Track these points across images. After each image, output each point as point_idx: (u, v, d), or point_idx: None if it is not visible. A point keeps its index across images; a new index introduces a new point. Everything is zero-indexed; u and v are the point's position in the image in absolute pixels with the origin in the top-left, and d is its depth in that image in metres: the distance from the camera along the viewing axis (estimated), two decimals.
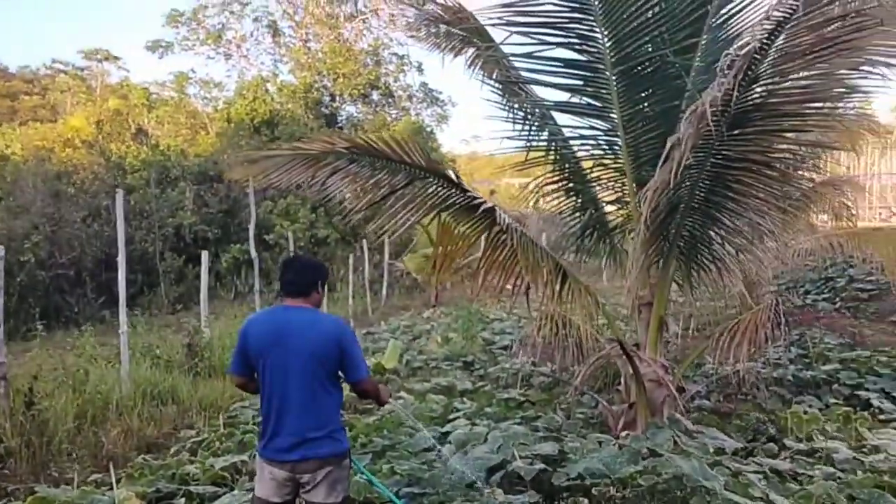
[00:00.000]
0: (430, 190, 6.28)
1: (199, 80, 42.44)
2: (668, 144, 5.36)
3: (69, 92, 46.84)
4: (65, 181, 26.84)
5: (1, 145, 32.60)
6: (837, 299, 14.02)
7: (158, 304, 23.04)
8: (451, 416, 7.30)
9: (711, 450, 5.57)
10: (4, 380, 7.56)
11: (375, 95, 37.63)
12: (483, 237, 6.34)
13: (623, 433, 6.36)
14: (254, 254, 16.81)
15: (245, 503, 4.72)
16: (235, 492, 5.15)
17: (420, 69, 40.10)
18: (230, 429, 7.57)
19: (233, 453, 6.44)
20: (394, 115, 37.95)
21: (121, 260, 9.93)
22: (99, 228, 24.56)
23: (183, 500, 5.01)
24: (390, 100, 38.34)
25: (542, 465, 5.15)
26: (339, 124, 35.23)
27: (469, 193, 6.11)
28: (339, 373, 3.90)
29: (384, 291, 25.06)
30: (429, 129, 36.68)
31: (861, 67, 5.05)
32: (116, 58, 50.53)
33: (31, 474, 6.74)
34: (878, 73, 4.93)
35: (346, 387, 4.03)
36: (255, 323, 3.97)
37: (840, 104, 6.22)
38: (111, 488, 4.95)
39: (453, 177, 5.99)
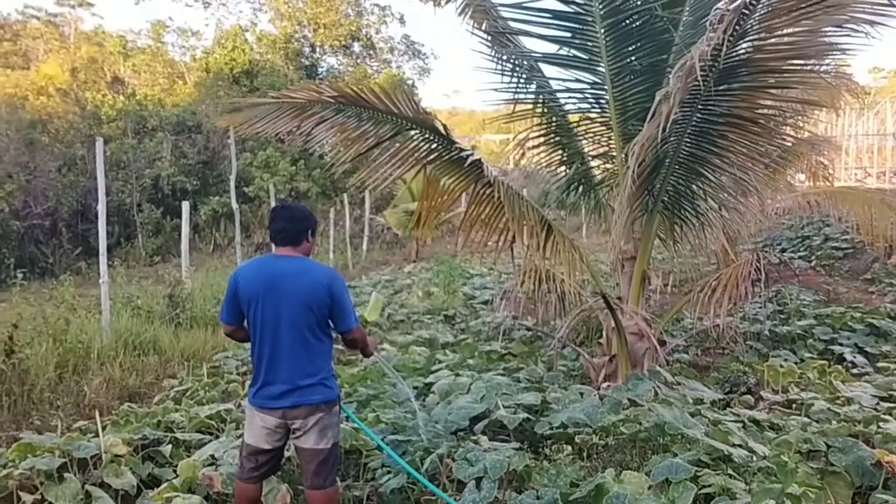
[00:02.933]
0: (417, 142, 6.27)
1: (176, 29, 41.69)
2: (657, 99, 5.37)
3: (42, 39, 45.74)
4: (39, 130, 26.38)
5: None
6: (813, 257, 14.22)
7: (136, 256, 22.87)
8: (434, 368, 7.36)
9: (691, 400, 5.69)
10: None
11: (357, 47, 37.18)
12: (468, 191, 6.35)
13: (604, 384, 6.46)
14: (235, 206, 16.70)
15: (232, 450, 4.76)
16: (222, 439, 5.18)
17: (402, 21, 39.87)
18: (214, 378, 7.60)
19: (217, 402, 6.46)
20: (375, 68, 37.57)
21: (101, 209, 9.82)
22: (74, 178, 24.27)
23: (169, 446, 5.03)
24: (371, 52, 37.92)
25: (526, 415, 5.22)
26: (320, 76, 34.81)
27: (457, 146, 6.11)
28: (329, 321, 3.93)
29: (364, 246, 25.04)
30: (410, 83, 36.36)
31: (845, 25, 5.06)
32: (90, 4, 49.23)
33: (13, 423, 6.71)
34: (861, 31, 4.95)
35: None
36: (246, 271, 3.95)
37: (823, 62, 6.26)
38: (96, 435, 4.95)
39: (441, 129, 5.96)
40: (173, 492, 4.18)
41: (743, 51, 5.45)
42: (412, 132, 6.26)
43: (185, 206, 13.56)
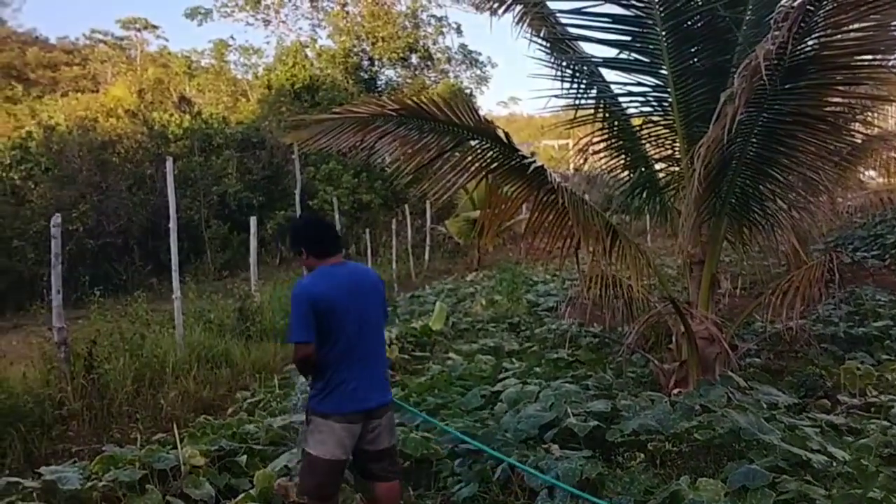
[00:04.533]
0: (478, 151, 6.29)
1: (238, 48, 42.68)
2: (721, 100, 5.30)
3: (109, 62, 47.39)
4: (109, 151, 27.18)
5: (45, 116, 33.12)
6: (887, 256, 13.76)
7: (205, 271, 23.34)
8: (501, 376, 7.35)
9: (765, 405, 5.57)
10: (65, 344, 7.77)
11: (414, 59, 37.48)
12: (531, 199, 6.35)
13: (675, 391, 6.37)
14: None
15: None
16: (294, 450, 5.26)
17: (459, 30, 40.01)
18: (285, 390, 7.73)
19: (289, 413, 6.57)
20: (433, 79, 37.83)
21: (172, 226, 10.09)
22: (144, 197, 24.92)
23: (245, 457, 5.14)
24: (429, 62, 38.18)
25: (596, 422, 5.18)
26: (379, 89, 35.17)
27: (518, 153, 6.12)
28: None
29: (426, 255, 25.17)
30: (468, 92, 36.47)
31: None
32: (155, 26, 50.90)
33: (94, 436, 6.94)
34: None
35: None
36: (318, 285, 3.97)
37: (893, 56, 6.09)
38: (174, 447, 5.08)
39: (503, 137, 5.97)
40: (251, 502, 4.27)
41: (809, 48, 5.35)
42: (473, 141, 6.29)
43: (253, 220, 13.82)
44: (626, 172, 7.73)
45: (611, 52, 7.02)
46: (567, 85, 7.17)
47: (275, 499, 4.43)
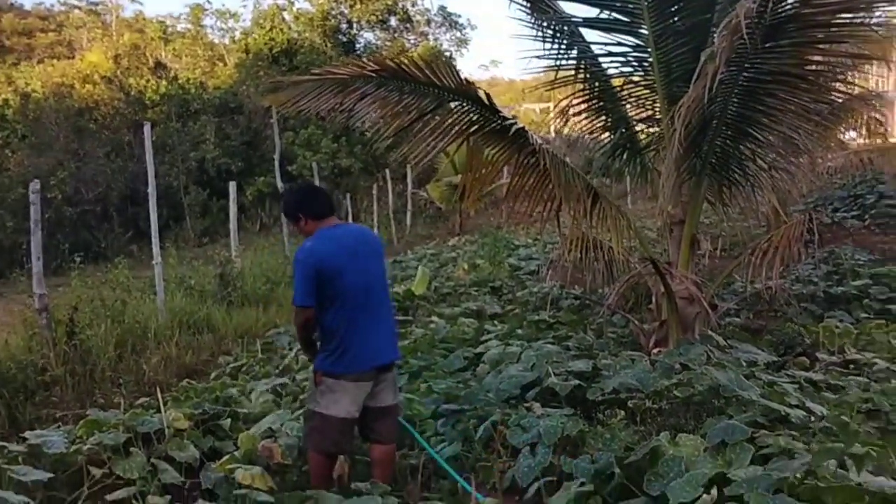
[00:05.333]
0: (459, 114, 6.26)
1: (214, 12, 42.05)
2: (702, 59, 5.30)
3: (84, 28, 46.64)
4: (86, 117, 26.91)
5: (21, 83, 32.63)
6: (867, 216, 13.87)
7: (185, 238, 23.26)
8: (483, 338, 7.38)
9: (744, 363, 5.63)
10: (46, 311, 7.74)
11: (393, 21, 37.03)
12: (512, 162, 6.34)
13: (655, 350, 6.42)
14: (280, 185, 16.88)
15: (290, 421, 4.86)
16: (280, 411, 5.29)
17: None
18: (268, 354, 7.74)
19: (273, 377, 6.59)
20: (412, 41, 37.44)
21: (151, 193, 10.01)
22: (123, 164, 24.73)
23: (229, 420, 5.16)
24: (408, 25, 37.73)
25: (577, 382, 5.21)
26: (357, 52, 34.77)
27: (500, 115, 6.08)
28: None
29: (408, 221, 25.15)
30: (448, 55, 36.16)
31: None
32: None
33: (77, 401, 6.95)
34: None
35: None
36: (322, 246, 4.02)
37: (874, 14, 6.08)
38: (158, 411, 5.09)
39: (484, 99, 5.94)
40: (235, 463, 4.29)
41: (790, 6, 5.31)
42: (454, 104, 6.25)
43: (232, 186, 13.74)
44: (607, 134, 7.72)
45: (591, 12, 6.98)
46: (548, 46, 7.12)
47: (259, 460, 4.45)
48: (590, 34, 7.27)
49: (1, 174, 23.22)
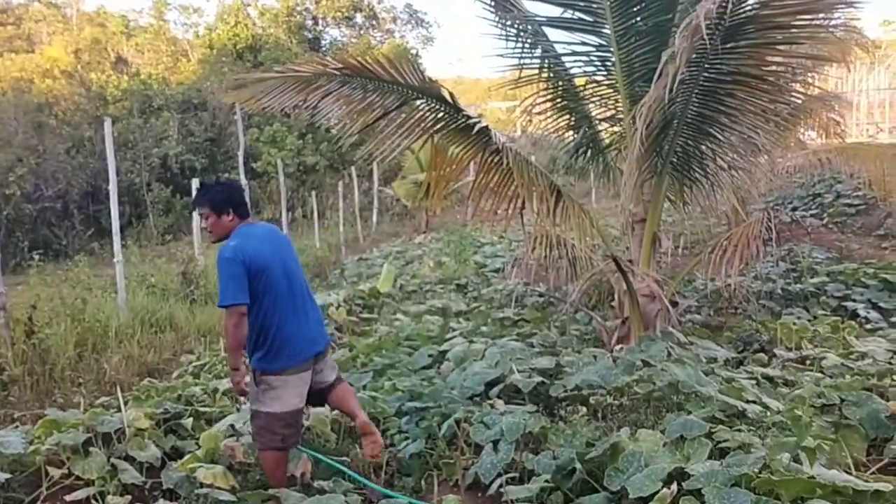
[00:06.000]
0: (423, 111, 6.27)
1: (178, 6, 41.51)
2: (663, 59, 5.35)
3: (44, 21, 45.72)
4: (46, 112, 26.44)
5: None
6: (825, 215, 14.14)
7: (147, 235, 22.95)
8: (448, 336, 7.41)
9: (704, 360, 5.72)
10: (4, 310, 7.61)
11: (359, 18, 36.95)
12: (477, 160, 6.36)
13: (617, 347, 6.50)
14: (244, 182, 16.71)
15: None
16: (242, 408, 5.25)
17: None
18: None
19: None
20: (378, 39, 37.37)
21: (112, 189, 9.88)
22: (84, 160, 24.30)
23: (191, 419, 5.12)
24: (374, 22, 37.68)
25: (540, 379, 5.27)
26: (323, 49, 34.63)
27: (464, 114, 6.11)
28: None
29: (374, 218, 25.08)
30: (414, 52, 36.12)
31: None
32: None
33: (36, 401, 6.83)
34: None
35: None
36: (248, 245, 4.05)
37: (832, 17, 6.19)
38: (119, 410, 5.03)
39: (448, 97, 5.95)
40: (197, 462, 4.26)
41: (749, 7, 5.39)
42: (418, 102, 6.27)
43: (195, 183, 13.57)
44: (571, 133, 7.78)
45: (555, 12, 7.03)
46: (512, 44, 7.16)
47: (221, 459, 4.42)
48: (554, 34, 7.33)
49: None
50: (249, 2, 35.97)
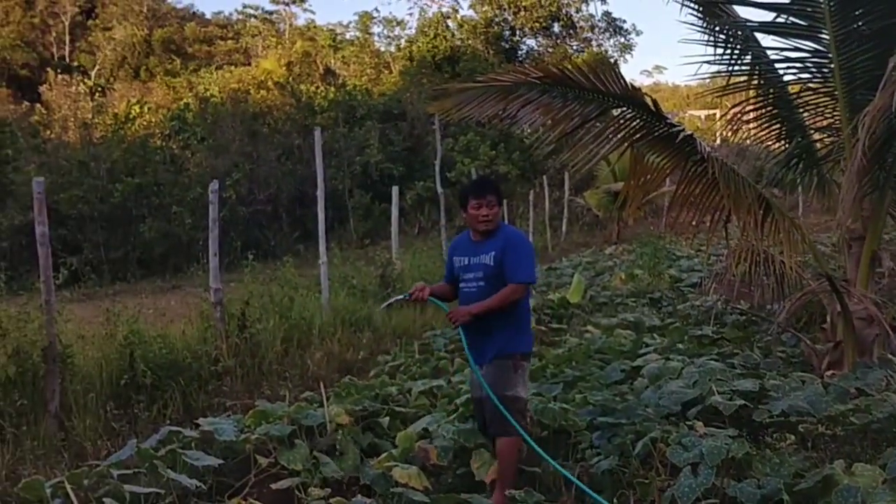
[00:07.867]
0: (623, 120, 6.15)
1: (382, 20, 43.38)
2: (890, 65, 4.96)
3: (260, 36, 49.29)
4: (260, 121, 28.40)
5: (201, 88, 34.89)
6: None
7: (348, 239, 24.02)
8: (641, 351, 7.20)
9: None
10: (221, 305, 8.20)
11: (556, 27, 37.02)
12: (678, 169, 6.16)
13: (828, 373, 6.06)
14: (440, 190, 17.17)
15: (446, 423, 4.93)
16: (435, 414, 5.37)
17: None
18: (424, 355, 7.88)
19: (429, 378, 6.70)
20: (575, 48, 37.26)
21: (319, 195, 10.45)
22: (292, 167, 25.88)
23: (387, 418, 5.30)
24: (572, 31, 37.58)
25: (742, 401, 4.99)
26: (519, 58, 35.00)
27: (667, 121, 5.94)
28: None
29: (564, 228, 24.96)
30: (612, 60, 35.66)
31: None
32: (302, 0, 52.51)
33: (246, 391, 7.32)
34: None
35: None
36: None
37: None
38: (321, 405, 5.29)
39: (651, 105, 5.81)
40: (393, 461, 4.39)
41: None
42: (617, 110, 6.15)
43: (395, 190, 14.13)
44: (780, 143, 7.37)
45: (767, 16, 6.71)
46: (719, 51, 6.86)
47: (415, 460, 4.54)
48: (765, 39, 6.98)
49: (181, 174, 24.87)
50: (449, 14, 36.99)
